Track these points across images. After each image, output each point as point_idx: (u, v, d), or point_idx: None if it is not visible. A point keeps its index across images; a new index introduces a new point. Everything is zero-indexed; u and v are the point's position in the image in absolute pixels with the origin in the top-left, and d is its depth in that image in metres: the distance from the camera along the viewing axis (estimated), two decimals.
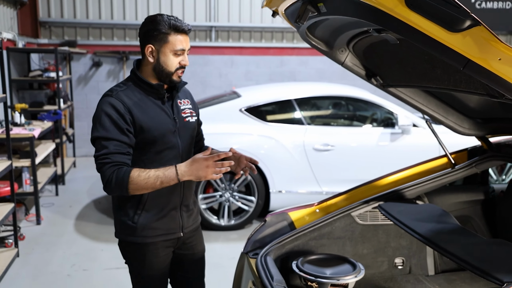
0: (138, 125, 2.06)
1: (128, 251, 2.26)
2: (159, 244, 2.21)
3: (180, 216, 2.25)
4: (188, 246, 2.36)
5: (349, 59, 2.36)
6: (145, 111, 2.09)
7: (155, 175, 1.97)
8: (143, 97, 2.12)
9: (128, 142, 2.04)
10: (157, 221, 2.18)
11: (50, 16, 8.28)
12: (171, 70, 2.10)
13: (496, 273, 1.70)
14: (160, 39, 2.06)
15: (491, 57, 1.44)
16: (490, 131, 2.60)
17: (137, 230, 2.16)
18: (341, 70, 9.20)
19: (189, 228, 2.32)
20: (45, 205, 5.69)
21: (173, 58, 2.09)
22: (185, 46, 2.10)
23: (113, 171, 1.98)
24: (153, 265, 2.23)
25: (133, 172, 1.96)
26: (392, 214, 2.37)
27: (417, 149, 5.14)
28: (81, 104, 8.49)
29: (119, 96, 2.07)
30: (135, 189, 1.98)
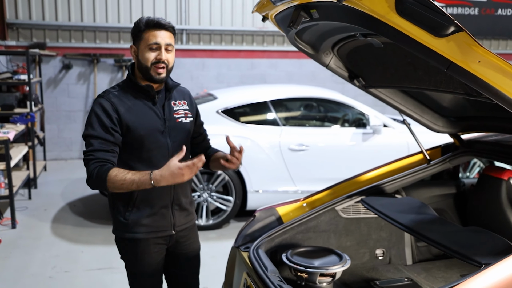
0: (124, 124, 2.14)
1: (122, 247, 2.34)
2: (150, 241, 2.28)
3: (172, 214, 2.31)
4: (182, 245, 2.41)
5: (333, 61, 2.50)
6: (133, 111, 2.17)
7: (131, 179, 2.02)
8: (133, 98, 2.20)
9: (112, 140, 2.12)
10: (147, 218, 2.24)
11: (17, 18, 8.16)
12: (148, 65, 2.15)
13: (474, 256, 1.87)
14: (138, 38, 2.17)
15: (471, 60, 1.60)
16: (462, 128, 2.80)
17: (129, 226, 2.24)
18: (310, 73, 9.44)
19: (182, 226, 2.37)
20: (19, 209, 5.61)
21: (149, 53, 2.14)
22: (159, 41, 2.14)
23: (96, 167, 2.06)
24: (145, 261, 2.30)
25: (111, 171, 2.03)
26: (375, 207, 2.53)
27: (387, 148, 5.36)
28: (51, 107, 8.39)
29: (109, 97, 2.17)
30: (112, 188, 2.05)
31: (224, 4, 9.05)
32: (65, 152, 8.59)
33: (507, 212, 2.70)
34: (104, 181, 2.03)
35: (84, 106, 8.56)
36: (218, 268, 3.83)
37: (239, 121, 5.34)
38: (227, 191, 5.17)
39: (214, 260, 4.36)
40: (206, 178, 5.11)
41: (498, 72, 1.61)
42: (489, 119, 2.57)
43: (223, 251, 4.32)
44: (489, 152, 2.73)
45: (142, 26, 2.16)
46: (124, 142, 2.19)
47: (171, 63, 2.20)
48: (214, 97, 5.59)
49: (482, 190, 2.89)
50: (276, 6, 2.09)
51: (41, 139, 7.57)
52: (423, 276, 2.75)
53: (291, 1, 1.95)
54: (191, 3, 8.86)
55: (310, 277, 2.36)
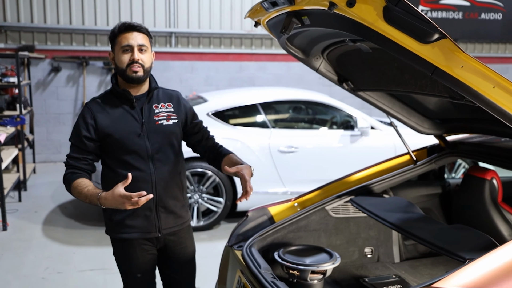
0: (101, 129, 2.25)
1: (113, 246, 2.43)
2: (135, 241, 2.33)
3: (157, 216, 2.32)
4: (174, 248, 2.44)
5: (323, 65, 2.59)
6: (110, 116, 2.26)
7: (84, 194, 2.15)
8: (113, 103, 2.29)
9: (85, 148, 2.26)
10: (131, 220, 2.30)
11: (6, 20, 8.14)
12: (123, 67, 2.22)
13: (459, 252, 1.96)
14: (113, 43, 2.26)
15: (455, 65, 1.70)
16: (447, 130, 2.90)
17: (115, 227, 2.33)
18: (298, 76, 9.55)
19: (170, 229, 2.37)
20: (9, 211, 5.62)
21: (123, 55, 2.21)
22: (131, 42, 2.20)
23: (67, 173, 2.25)
24: (132, 261, 2.36)
25: (75, 182, 2.20)
26: (364, 207, 2.62)
27: (375, 150, 5.46)
28: (40, 110, 8.38)
29: (90, 105, 2.30)
30: (75, 195, 2.22)
31: (212, 8, 9.12)
32: (54, 155, 8.58)
33: (490, 211, 2.81)
34: (69, 188, 2.23)
35: (73, 109, 8.56)
36: (210, 268, 3.89)
37: (229, 123, 5.41)
38: (218, 192, 5.23)
39: (206, 260, 4.41)
40: (197, 179, 5.17)
41: (479, 77, 1.71)
42: (472, 121, 2.68)
43: (214, 252, 4.38)
44: (472, 153, 2.84)
45: (116, 31, 2.24)
46: (103, 146, 2.28)
47: (146, 63, 2.24)
48: (205, 100, 5.66)
49: (466, 189, 2.99)
50: (268, 12, 2.17)
51: (31, 142, 7.56)
52: (410, 273, 2.85)
53: (283, 8, 2.03)
54: (180, 7, 8.92)
55: (301, 275, 2.43)
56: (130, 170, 2.19)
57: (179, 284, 2.54)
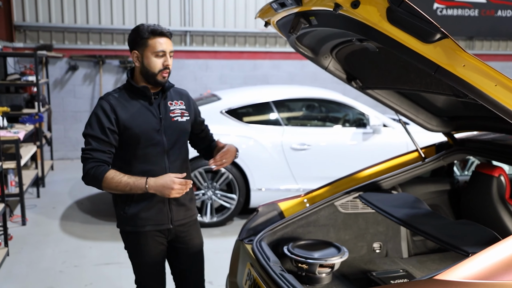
0: (121, 123, 2.31)
1: (124, 239, 2.51)
2: (148, 234, 2.42)
3: (169, 209, 2.43)
4: (182, 240, 2.53)
5: (332, 64, 2.65)
6: (130, 111, 2.33)
7: (126, 182, 2.22)
8: (131, 99, 2.36)
9: (108, 140, 2.29)
10: (145, 212, 2.38)
11: (25, 20, 8.32)
12: (155, 71, 2.31)
13: (462, 246, 2.01)
14: (142, 44, 2.30)
15: (457, 64, 1.74)
16: (455, 127, 2.94)
17: (128, 220, 2.40)
18: (312, 74, 9.58)
19: (181, 221, 2.48)
20: (28, 207, 5.77)
21: (156, 60, 2.30)
22: (165, 48, 2.31)
23: (93, 166, 2.25)
24: (144, 253, 2.45)
25: (108, 173, 2.23)
26: (372, 203, 2.67)
27: (387, 147, 5.48)
28: (57, 108, 8.55)
29: (109, 99, 2.34)
30: (107, 188, 2.24)
31: (227, 6, 9.21)
32: (71, 152, 8.75)
33: (497, 207, 2.83)
34: (99, 182, 2.23)
35: (89, 107, 8.72)
36: (222, 263, 3.98)
37: (242, 121, 5.49)
38: (231, 189, 5.31)
39: (218, 255, 4.50)
40: (210, 176, 5.25)
41: (481, 75, 1.76)
42: (479, 119, 2.71)
43: (226, 247, 4.46)
44: (480, 150, 2.87)
45: (146, 33, 2.29)
46: (121, 140, 2.34)
47: (171, 68, 2.38)
48: (218, 98, 5.74)
49: (474, 186, 3.03)
50: (277, 13, 2.24)
51: (49, 139, 7.73)
52: (417, 268, 2.89)
53: (292, 8, 2.09)
54: (194, 6, 9.01)
55: (310, 268, 2.50)
56: (146, 164, 2.33)
57: (188, 274, 2.62)
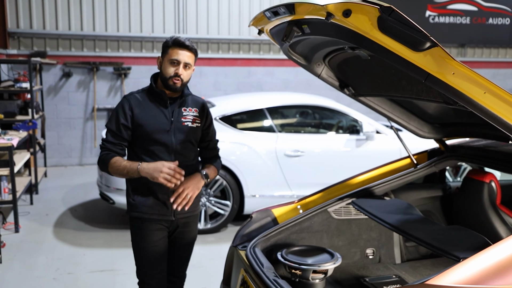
0: (136, 120, 2.58)
1: (131, 225, 2.72)
2: (153, 222, 2.65)
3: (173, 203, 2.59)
4: (181, 231, 2.77)
5: (324, 71, 2.68)
6: (145, 111, 2.60)
7: (123, 166, 2.52)
8: (149, 101, 2.63)
9: (120, 135, 2.59)
10: (150, 202, 2.63)
11: (19, 27, 8.32)
12: (166, 76, 2.56)
13: (453, 251, 2.03)
14: (164, 52, 2.60)
15: (447, 72, 1.78)
16: (446, 134, 2.97)
17: (136, 207, 2.65)
18: (306, 81, 9.63)
19: (183, 215, 2.71)
20: (21, 214, 5.75)
21: (169, 67, 2.55)
22: (180, 58, 2.54)
23: (103, 154, 2.59)
24: (148, 238, 2.65)
25: (113, 159, 2.55)
26: (364, 209, 2.69)
27: (380, 154, 5.52)
28: (51, 114, 8.54)
29: (129, 98, 2.63)
30: (112, 171, 2.55)
31: (221, 14, 9.25)
32: (65, 159, 8.74)
33: (488, 213, 2.87)
34: (107, 166, 2.56)
35: (83, 114, 8.72)
36: (216, 270, 3.99)
37: (236, 127, 5.51)
38: (225, 195, 5.33)
39: (212, 262, 4.51)
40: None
41: (470, 83, 1.79)
42: (471, 126, 2.74)
43: (220, 254, 4.47)
44: (472, 157, 2.90)
45: (169, 43, 2.56)
46: (135, 135, 2.62)
47: (185, 78, 2.58)
48: (212, 105, 5.76)
49: (465, 192, 3.06)
50: (271, 21, 2.26)
51: (42, 146, 7.71)
52: (410, 274, 2.91)
53: (285, 17, 2.12)
54: (188, 12, 9.06)
55: (303, 274, 2.51)
56: (154, 159, 2.58)
57: (175, 261, 2.84)
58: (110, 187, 5.20)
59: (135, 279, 2.81)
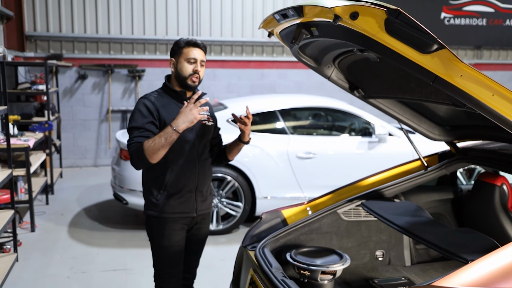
0: (162, 120, 2.61)
1: (152, 224, 2.75)
2: (176, 221, 2.71)
3: (195, 199, 2.74)
4: (197, 227, 2.86)
5: (334, 74, 2.69)
6: (169, 111, 2.64)
7: (158, 136, 2.46)
8: (169, 101, 2.68)
9: (150, 129, 2.57)
10: (175, 201, 2.68)
11: (36, 30, 8.46)
12: (186, 75, 2.63)
13: (461, 253, 2.03)
14: (178, 53, 2.66)
15: (454, 74, 1.78)
16: (457, 136, 2.96)
17: (159, 207, 2.68)
18: (319, 83, 9.63)
19: (202, 211, 2.80)
20: (37, 214, 5.85)
21: (187, 65, 2.63)
22: (196, 56, 2.63)
23: (132, 149, 2.52)
24: (171, 237, 2.71)
25: (144, 144, 2.48)
26: (374, 210, 2.70)
27: (393, 156, 5.50)
28: (67, 116, 8.66)
29: (150, 98, 2.66)
30: (151, 154, 2.46)
31: (234, 16, 9.30)
32: (80, 160, 8.85)
33: (499, 216, 2.85)
34: (142, 153, 2.46)
35: (98, 115, 8.83)
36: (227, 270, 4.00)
37: None
38: (237, 197, 5.35)
39: (224, 263, 4.53)
40: (217, 184, 5.29)
41: (478, 85, 1.79)
42: (482, 128, 2.73)
43: (232, 255, 4.48)
44: (483, 159, 2.89)
45: (182, 43, 2.64)
46: None
47: (202, 75, 2.68)
48: (225, 107, 5.80)
49: (477, 195, 3.04)
50: (280, 23, 2.29)
51: (58, 147, 7.83)
52: (420, 276, 2.91)
53: (294, 19, 2.14)
54: (202, 15, 9.12)
55: (312, 275, 2.53)
56: (180, 158, 2.64)
57: (190, 256, 2.92)
58: (123, 188, 5.26)
59: (147, 278, 2.86)
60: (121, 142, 5.35)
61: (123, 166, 5.28)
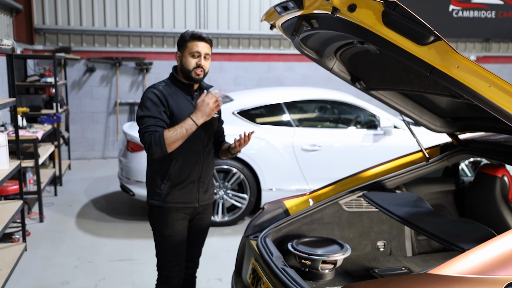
0: (171, 110, 2.65)
1: (155, 214, 2.79)
2: (179, 210, 2.76)
3: (197, 190, 2.78)
4: (199, 217, 2.90)
5: (336, 66, 2.71)
6: (177, 102, 2.69)
7: (179, 126, 2.54)
8: (176, 92, 2.72)
9: (162, 118, 2.62)
10: (178, 191, 2.72)
11: (44, 23, 8.53)
12: (189, 69, 2.67)
13: (459, 243, 2.06)
14: (183, 46, 2.71)
15: (451, 65, 1.80)
16: (459, 128, 2.98)
17: (162, 196, 2.73)
18: (326, 76, 9.62)
19: (204, 202, 2.85)
20: (46, 205, 5.94)
21: (191, 59, 2.67)
22: (200, 50, 2.67)
23: (151, 136, 2.54)
24: (174, 226, 2.76)
25: (164, 132, 2.54)
26: (374, 201, 2.73)
27: (398, 149, 5.47)
28: (75, 109, 8.75)
29: (159, 89, 2.69)
30: (170, 143, 2.52)
31: (241, 9, 9.31)
32: (88, 152, 8.94)
33: (500, 207, 2.87)
34: (162, 142, 2.51)
35: (106, 108, 8.90)
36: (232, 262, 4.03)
37: (254, 122, 5.57)
38: (242, 189, 5.40)
39: (228, 254, 4.59)
40: (222, 176, 5.34)
41: (475, 76, 1.82)
42: (482, 120, 2.75)
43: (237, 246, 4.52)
44: (484, 151, 2.90)
45: (187, 37, 2.68)
46: (168, 125, 2.65)
47: (207, 68, 2.72)
48: (230, 99, 5.83)
49: (478, 186, 3.06)
50: (281, 16, 2.31)
51: (66, 139, 7.92)
52: (420, 266, 2.94)
53: (294, 11, 2.17)
54: (209, 8, 9.14)
55: (313, 264, 2.58)
56: (185, 149, 2.66)
57: (193, 246, 2.97)
58: (130, 179, 5.32)
59: (152, 268, 2.91)
60: (128, 134, 5.41)
61: (130, 158, 5.34)
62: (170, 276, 2.82)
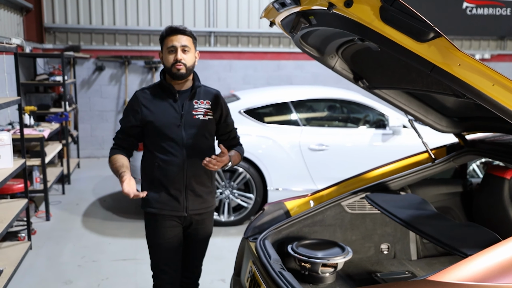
0: (144, 117, 2.58)
1: (145, 220, 2.74)
2: (165, 217, 2.64)
3: (185, 198, 2.63)
4: (195, 227, 2.74)
5: (338, 64, 2.64)
6: (154, 106, 2.59)
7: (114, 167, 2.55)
8: (159, 95, 2.61)
9: (128, 132, 2.63)
10: (162, 198, 2.62)
11: (54, 22, 8.56)
12: (168, 65, 2.55)
13: (461, 248, 1.98)
14: (162, 45, 2.60)
15: (453, 63, 1.73)
16: (465, 128, 2.89)
17: (148, 202, 2.65)
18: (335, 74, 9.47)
19: (196, 211, 2.67)
20: (53, 203, 5.95)
21: (168, 56, 2.55)
22: (175, 43, 2.53)
23: (112, 148, 2.65)
24: (160, 234, 2.65)
25: (113, 156, 2.59)
26: (377, 203, 2.65)
27: (407, 149, 5.36)
28: (84, 107, 8.76)
29: (139, 94, 2.64)
30: (109, 166, 2.60)
31: (251, 7, 9.25)
32: (98, 150, 8.96)
33: (509, 210, 2.78)
34: (109, 160, 2.62)
35: (115, 106, 8.90)
36: None
37: (260, 121, 5.51)
38: (248, 188, 5.35)
39: (233, 254, 4.50)
40: (228, 176, 5.29)
41: (478, 75, 1.73)
42: (490, 120, 2.66)
43: None
44: (491, 152, 2.81)
45: (163, 34, 2.57)
46: (146, 132, 2.62)
47: (189, 62, 2.55)
48: (237, 98, 5.78)
49: (486, 188, 2.97)
50: (280, 12, 2.25)
51: (75, 138, 7.93)
52: (425, 270, 2.86)
53: (292, 8, 2.10)
54: (219, 7, 9.09)
55: (313, 267, 2.51)
56: (165, 154, 2.57)
57: (189, 257, 2.82)
58: (136, 178, 5.27)
59: None
60: None
61: (135, 157, 5.30)
62: (162, 284, 2.71)
